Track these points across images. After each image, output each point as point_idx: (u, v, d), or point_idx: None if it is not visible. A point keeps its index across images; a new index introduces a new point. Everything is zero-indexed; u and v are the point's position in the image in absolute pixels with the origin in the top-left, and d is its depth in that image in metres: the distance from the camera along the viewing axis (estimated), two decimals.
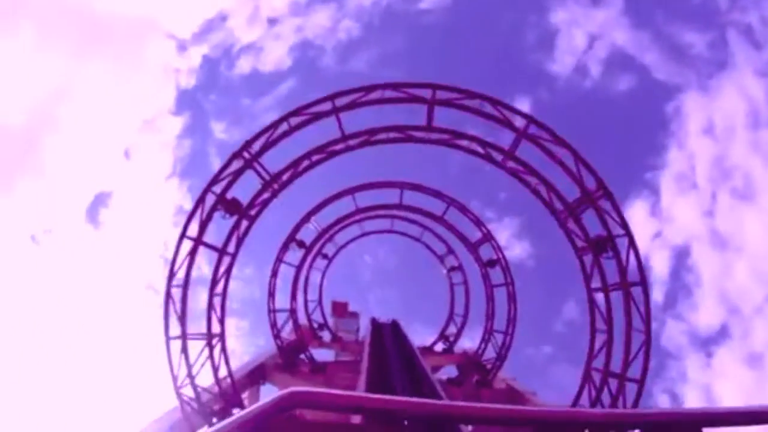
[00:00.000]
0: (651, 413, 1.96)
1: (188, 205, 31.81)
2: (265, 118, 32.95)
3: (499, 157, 14.48)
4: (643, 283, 13.88)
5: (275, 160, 15.26)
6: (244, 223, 15.22)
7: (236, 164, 14.79)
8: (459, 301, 27.49)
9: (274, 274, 23.71)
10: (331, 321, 30.31)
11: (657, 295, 30.25)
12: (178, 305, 14.88)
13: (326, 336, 28.84)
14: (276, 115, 14.67)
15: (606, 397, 13.99)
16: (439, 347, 27.82)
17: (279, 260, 23.85)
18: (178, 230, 14.97)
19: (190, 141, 34.89)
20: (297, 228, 23.75)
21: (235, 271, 16.01)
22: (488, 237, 23.38)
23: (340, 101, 14.36)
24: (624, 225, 13.97)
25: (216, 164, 32.67)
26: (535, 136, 14.12)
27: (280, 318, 23.20)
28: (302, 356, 22.99)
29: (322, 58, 34.89)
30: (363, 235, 27.50)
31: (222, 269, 15.59)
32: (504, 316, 22.90)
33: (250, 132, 14.67)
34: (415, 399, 2.02)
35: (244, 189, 15.20)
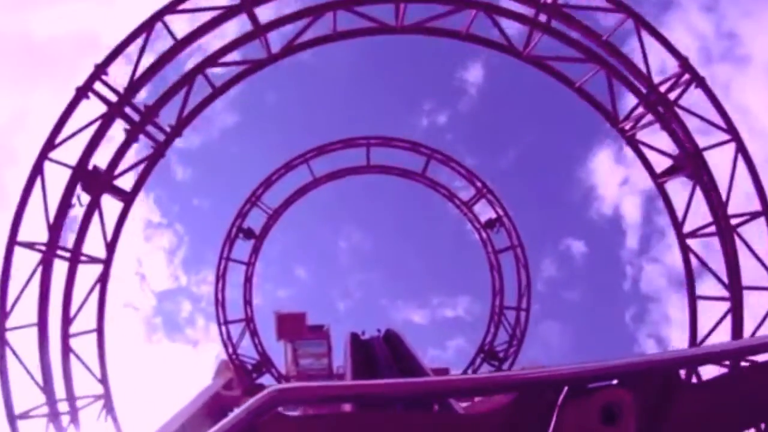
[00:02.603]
0: (623, 363, 1.94)
1: (157, 219, 30.65)
2: (223, 120, 30.96)
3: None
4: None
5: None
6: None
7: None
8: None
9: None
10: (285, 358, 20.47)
11: (631, 242, 29.37)
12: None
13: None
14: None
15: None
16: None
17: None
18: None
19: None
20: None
21: (210, 276, 21.65)
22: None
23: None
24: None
25: (180, 172, 30.88)
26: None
27: None
28: None
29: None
30: (315, 182, 20.25)
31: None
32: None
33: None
34: (404, 380, 2.57)
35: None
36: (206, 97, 12.51)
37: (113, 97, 11.64)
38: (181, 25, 11.88)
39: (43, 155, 11.46)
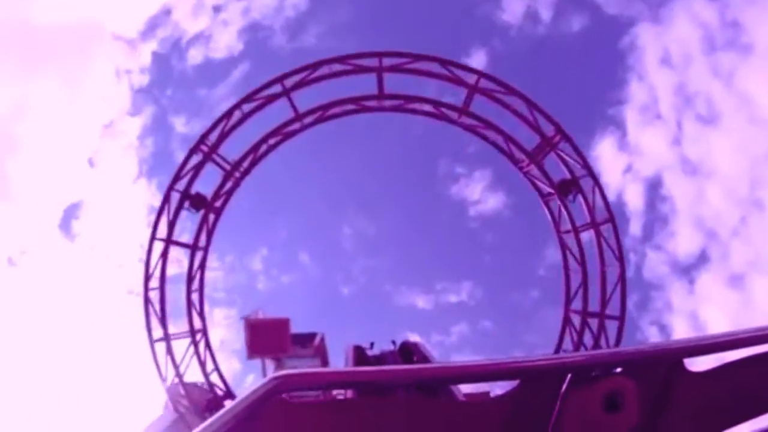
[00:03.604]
0: (627, 351, 3.00)
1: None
2: (224, 106, 40.70)
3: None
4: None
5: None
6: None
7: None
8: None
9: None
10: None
11: (635, 229, 39.44)
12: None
13: None
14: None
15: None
16: None
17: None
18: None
19: (152, 139, 45.63)
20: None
21: (214, 262, 23.44)
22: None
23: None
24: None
25: (181, 159, 40.81)
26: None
27: None
28: None
29: (271, 38, 45.70)
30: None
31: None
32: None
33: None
34: (408, 366, 3.58)
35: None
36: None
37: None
38: None
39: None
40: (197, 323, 22.91)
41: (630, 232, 38.81)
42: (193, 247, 22.45)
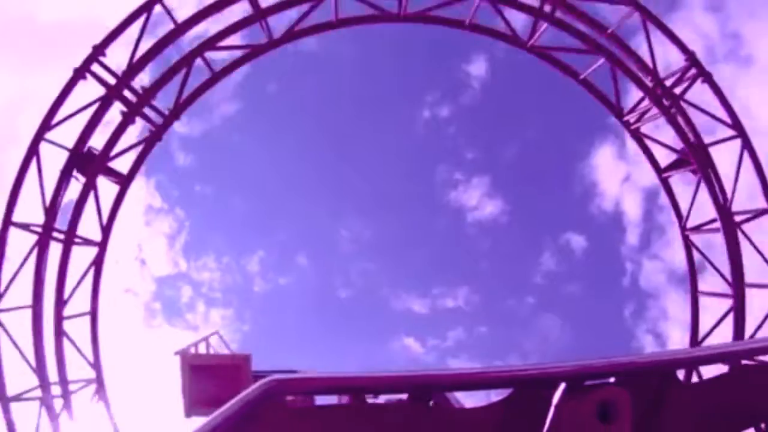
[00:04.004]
0: (621, 362, 2.94)
1: (158, 204, 41.67)
2: (224, 107, 41.35)
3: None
4: None
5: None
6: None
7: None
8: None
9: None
10: None
11: (632, 238, 40.03)
12: None
13: None
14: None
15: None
16: None
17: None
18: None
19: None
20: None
21: (212, 261, 23.21)
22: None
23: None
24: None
25: (181, 158, 41.75)
26: None
27: None
28: None
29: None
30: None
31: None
32: None
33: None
34: (401, 373, 3.04)
35: None
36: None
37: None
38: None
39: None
40: None
41: (627, 241, 39.97)
42: (66, 241, 16.71)
